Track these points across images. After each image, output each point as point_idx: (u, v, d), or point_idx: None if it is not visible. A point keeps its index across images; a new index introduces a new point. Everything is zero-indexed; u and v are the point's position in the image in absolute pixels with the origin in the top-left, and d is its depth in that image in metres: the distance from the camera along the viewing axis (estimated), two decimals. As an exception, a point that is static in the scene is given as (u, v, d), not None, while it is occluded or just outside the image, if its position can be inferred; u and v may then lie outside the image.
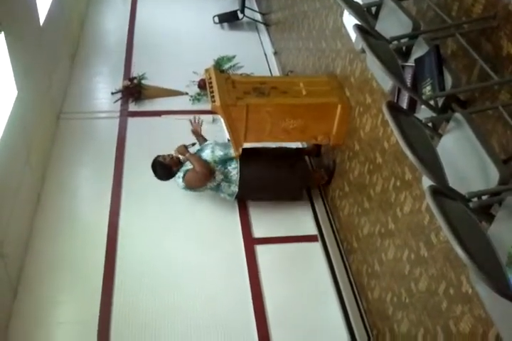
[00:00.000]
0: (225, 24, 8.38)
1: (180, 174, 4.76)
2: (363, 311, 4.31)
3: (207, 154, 4.80)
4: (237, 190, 4.85)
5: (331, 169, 5.01)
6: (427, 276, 3.29)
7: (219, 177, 4.79)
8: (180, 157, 4.80)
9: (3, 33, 4.18)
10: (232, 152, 4.79)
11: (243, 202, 5.16)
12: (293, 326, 4.23)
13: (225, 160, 4.80)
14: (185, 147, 4.76)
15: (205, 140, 5.10)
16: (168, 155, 4.77)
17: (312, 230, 4.96)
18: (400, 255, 3.66)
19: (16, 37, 4.60)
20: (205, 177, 4.71)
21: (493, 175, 1.91)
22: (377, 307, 4.08)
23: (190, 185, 4.78)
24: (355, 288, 4.46)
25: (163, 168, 4.76)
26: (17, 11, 4.78)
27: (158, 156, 4.79)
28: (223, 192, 4.91)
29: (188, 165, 4.75)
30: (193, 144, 4.87)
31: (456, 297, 2.95)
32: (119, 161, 5.58)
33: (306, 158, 5.35)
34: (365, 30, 2.55)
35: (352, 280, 4.52)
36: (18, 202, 4.58)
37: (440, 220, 1.60)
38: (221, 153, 4.80)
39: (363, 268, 4.35)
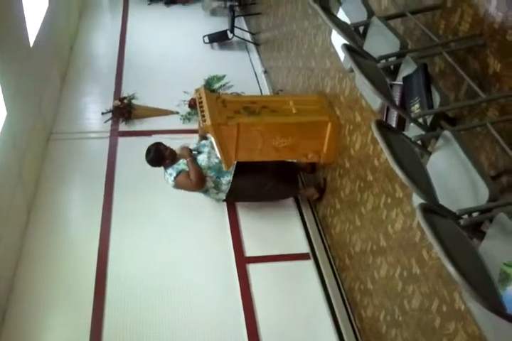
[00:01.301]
0: (215, 44, 8.43)
1: (172, 172, 4.77)
2: (356, 330, 4.28)
3: (203, 159, 4.83)
4: (223, 197, 4.96)
5: (322, 187, 5.02)
6: (420, 294, 3.28)
7: (210, 184, 4.84)
8: (178, 153, 4.85)
9: (-8, 54, 4.20)
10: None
11: (234, 218, 5.18)
12: (286, 346, 4.20)
13: (219, 170, 4.82)
14: (190, 151, 4.81)
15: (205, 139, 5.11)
16: (171, 148, 4.81)
17: (304, 248, 4.94)
18: (393, 272, 3.65)
19: (5, 57, 4.61)
20: (196, 187, 4.79)
21: (482, 192, 1.92)
22: (370, 326, 4.06)
23: (180, 187, 4.84)
24: (348, 306, 4.44)
25: (158, 157, 4.77)
26: (6, 31, 4.80)
27: (161, 144, 4.81)
28: (210, 196, 5.01)
29: (182, 164, 4.76)
30: (199, 152, 4.88)
31: (449, 314, 2.94)
32: (109, 181, 5.56)
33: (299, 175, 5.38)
34: (354, 50, 2.57)
35: (345, 298, 4.50)
36: (9, 223, 4.54)
37: (431, 238, 1.60)
38: (217, 161, 4.82)
39: (355, 286, 4.33)
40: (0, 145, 4.33)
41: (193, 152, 4.90)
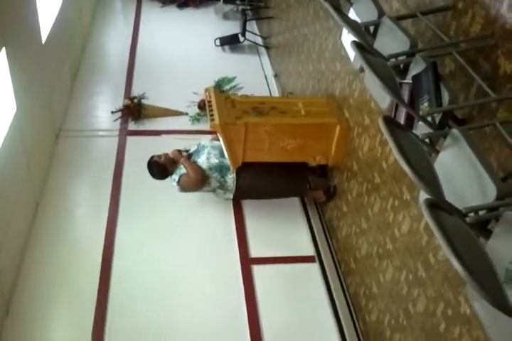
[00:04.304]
0: (227, 47, 8.46)
1: (175, 177, 4.83)
2: (360, 334, 4.24)
3: (202, 161, 4.84)
4: (231, 197, 4.99)
5: (331, 193, 4.97)
6: (425, 297, 3.24)
7: (215, 184, 4.87)
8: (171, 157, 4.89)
9: (4, 48, 4.21)
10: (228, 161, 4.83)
11: (240, 218, 5.17)
12: (289, 348, 4.17)
13: (221, 168, 4.83)
14: (179, 152, 4.86)
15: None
16: (164, 154, 4.86)
17: (310, 251, 4.91)
18: (398, 276, 3.62)
19: (17, 53, 4.62)
20: (198, 183, 4.81)
21: (490, 191, 1.89)
22: (374, 330, 4.02)
23: (185, 189, 4.89)
24: (352, 309, 4.40)
25: (159, 168, 4.86)
26: (19, 27, 4.82)
27: (153, 156, 4.88)
28: (218, 196, 5.06)
29: (183, 169, 4.80)
30: (187, 151, 4.93)
31: (455, 318, 2.90)
32: (117, 179, 5.57)
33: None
34: (363, 48, 2.56)
35: (350, 302, 4.46)
36: (16, 217, 4.55)
37: (436, 233, 1.58)
38: (216, 161, 4.84)
39: (360, 290, 4.30)
40: (8, 140, 4.34)
41: (193, 155, 4.93)
